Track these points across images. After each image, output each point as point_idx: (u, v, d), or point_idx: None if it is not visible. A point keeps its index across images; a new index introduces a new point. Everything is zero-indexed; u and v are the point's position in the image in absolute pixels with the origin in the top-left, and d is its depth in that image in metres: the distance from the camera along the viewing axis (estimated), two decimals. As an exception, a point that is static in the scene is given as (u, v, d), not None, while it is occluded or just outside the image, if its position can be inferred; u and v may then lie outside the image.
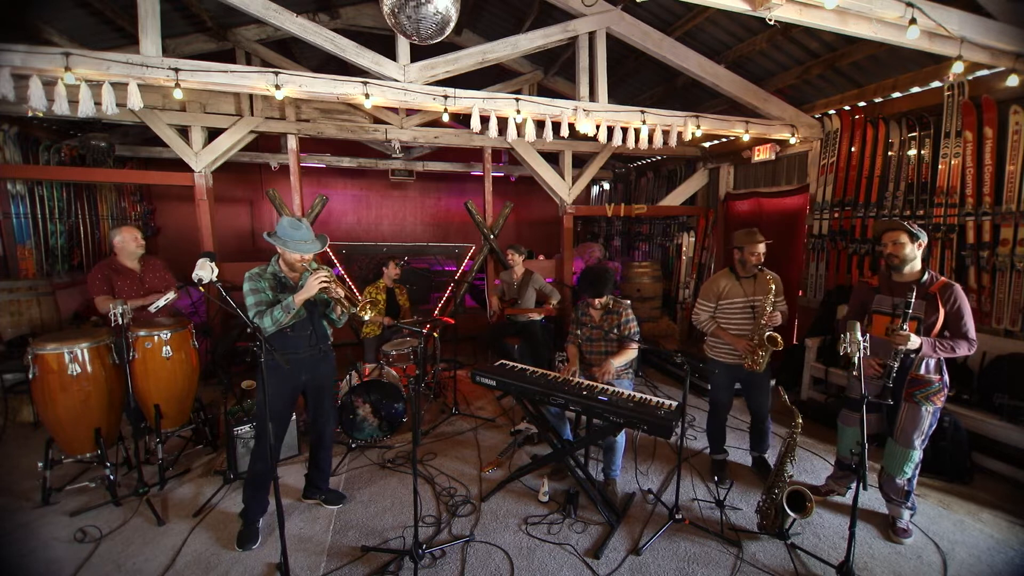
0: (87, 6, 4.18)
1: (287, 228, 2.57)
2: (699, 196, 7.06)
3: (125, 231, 3.62)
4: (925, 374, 2.62)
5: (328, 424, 2.92)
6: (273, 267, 2.65)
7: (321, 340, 2.78)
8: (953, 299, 2.54)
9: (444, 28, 2.83)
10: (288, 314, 2.49)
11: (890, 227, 2.69)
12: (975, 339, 2.54)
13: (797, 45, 4.45)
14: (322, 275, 2.52)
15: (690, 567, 2.48)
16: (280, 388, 2.64)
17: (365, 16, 5.56)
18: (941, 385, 2.62)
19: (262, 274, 2.60)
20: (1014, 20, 3.16)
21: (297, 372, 2.69)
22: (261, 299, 2.54)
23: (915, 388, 2.63)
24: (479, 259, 6.58)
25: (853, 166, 4.67)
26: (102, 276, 3.50)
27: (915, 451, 2.65)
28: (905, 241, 2.62)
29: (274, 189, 5.67)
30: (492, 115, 4.05)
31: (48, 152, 5.53)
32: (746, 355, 3.06)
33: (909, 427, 2.64)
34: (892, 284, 2.72)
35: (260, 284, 2.57)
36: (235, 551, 2.56)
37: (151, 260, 3.80)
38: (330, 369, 2.89)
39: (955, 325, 2.56)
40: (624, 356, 3.16)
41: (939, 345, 2.54)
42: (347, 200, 9.37)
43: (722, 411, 3.33)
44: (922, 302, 2.59)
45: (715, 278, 3.28)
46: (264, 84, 3.49)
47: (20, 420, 4.00)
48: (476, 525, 2.81)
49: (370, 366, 4.02)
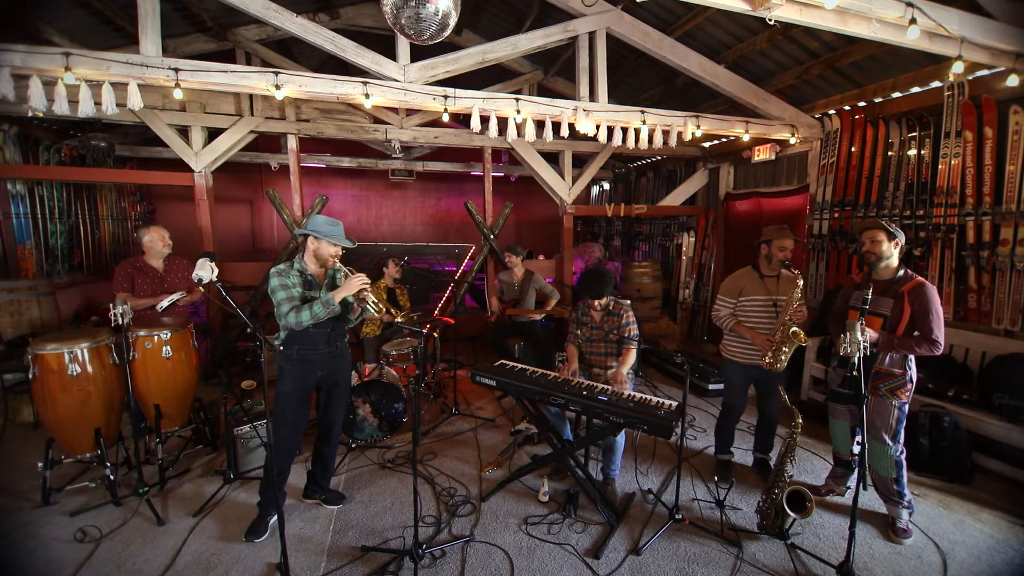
0: (87, 6, 4.18)
1: (324, 224, 2.66)
2: (699, 196, 7.07)
3: (154, 231, 3.70)
4: (889, 367, 2.67)
5: (338, 420, 2.95)
6: (299, 264, 2.69)
7: (339, 337, 2.85)
8: (920, 299, 2.58)
9: (444, 28, 2.83)
10: (327, 310, 2.56)
11: (868, 226, 2.77)
12: (940, 340, 2.55)
13: (797, 45, 4.45)
14: (363, 276, 2.61)
15: (690, 567, 2.48)
16: (298, 384, 2.69)
17: (365, 16, 5.56)
18: (905, 380, 2.66)
19: (289, 271, 2.63)
20: (1014, 20, 3.16)
21: (314, 368, 2.74)
22: (293, 295, 2.58)
23: (879, 381, 2.68)
24: (479, 259, 6.58)
25: (853, 166, 4.67)
26: (124, 274, 3.59)
27: (888, 447, 2.67)
28: (882, 239, 2.69)
29: (274, 189, 5.67)
30: (492, 115, 4.05)
31: (48, 152, 5.53)
32: (766, 352, 2.98)
33: (876, 420, 2.69)
34: (873, 281, 2.77)
35: (289, 280, 2.60)
36: (235, 551, 2.56)
37: (176, 260, 3.85)
38: (346, 366, 2.95)
39: (920, 324, 2.59)
40: (629, 360, 3.15)
41: (897, 342, 2.59)
42: (347, 200, 9.37)
43: (735, 414, 3.29)
44: (889, 300, 2.66)
45: (736, 275, 3.24)
46: (264, 84, 3.49)
47: (20, 420, 4.00)
48: (476, 525, 2.81)
49: (370, 366, 4.02)
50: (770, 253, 3.09)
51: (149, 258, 3.69)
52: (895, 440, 2.69)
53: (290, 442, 2.75)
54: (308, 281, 2.69)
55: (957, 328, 3.83)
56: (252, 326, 2.24)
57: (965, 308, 3.88)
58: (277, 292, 2.57)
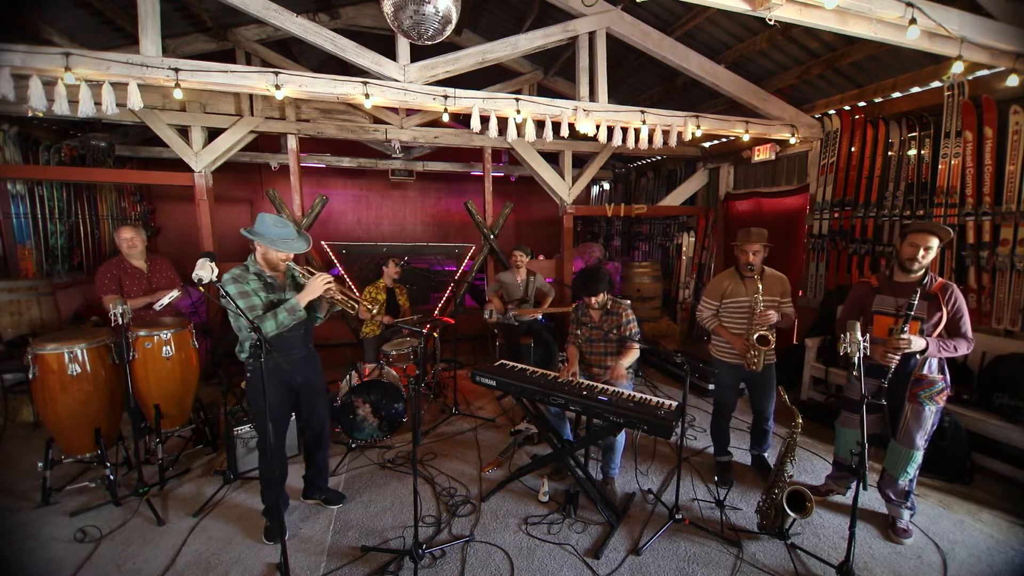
0: (87, 6, 4.17)
1: (271, 226, 2.48)
2: (699, 196, 7.06)
3: (117, 232, 3.65)
4: (929, 374, 2.62)
5: (326, 421, 2.91)
6: (254, 267, 2.53)
7: (310, 338, 2.78)
8: (954, 299, 2.56)
9: (445, 28, 2.83)
10: (294, 316, 2.45)
11: (921, 228, 2.58)
12: (972, 338, 2.56)
13: (797, 45, 4.45)
14: (326, 276, 2.51)
15: (690, 567, 2.48)
16: (279, 389, 2.61)
17: (365, 16, 5.55)
18: (944, 384, 2.63)
19: (245, 275, 2.47)
20: (1014, 20, 3.16)
21: (294, 373, 2.65)
22: (254, 303, 2.43)
23: (919, 388, 2.63)
24: (479, 259, 6.58)
25: (853, 166, 4.67)
26: (110, 276, 3.54)
27: (918, 451, 2.64)
28: (934, 245, 2.55)
29: (274, 189, 5.67)
30: (492, 115, 4.05)
31: (48, 152, 5.53)
32: (743, 354, 3.07)
33: (913, 427, 2.63)
34: (894, 284, 2.71)
35: (247, 286, 2.45)
36: (235, 551, 2.56)
37: (158, 259, 3.84)
38: (319, 370, 2.84)
39: (955, 325, 2.57)
40: (629, 357, 3.16)
41: (943, 345, 2.55)
42: (347, 200, 9.36)
43: (726, 412, 3.32)
44: (924, 303, 2.59)
45: (719, 277, 3.28)
46: (264, 84, 3.49)
47: (20, 420, 4.00)
48: (476, 525, 2.81)
49: (370, 366, 4.02)
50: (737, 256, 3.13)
51: (132, 259, 3.64)
52: (925, 444, 2.66)
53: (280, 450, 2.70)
54: (268, 284, 2.53)
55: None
56: (253, 325, 2.24)
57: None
58: (236, 301, 2.34)
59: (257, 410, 2.64)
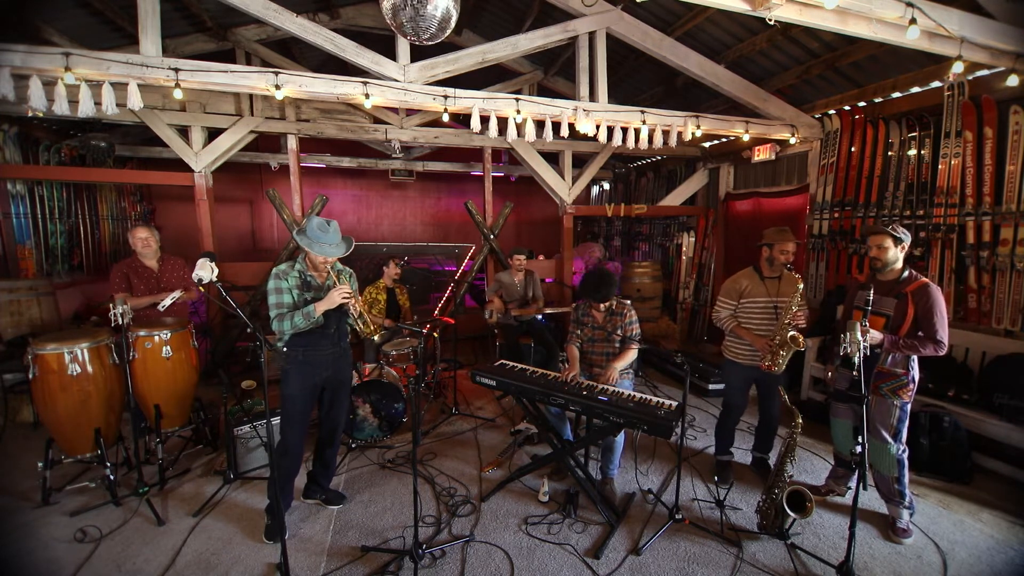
0: (87, 6, 4.18)
1: (315, 229, 2.61)
2: (699, 196, 7.06)
3: (132, 232, 3.72)
4: (891, 367, 2.69)
5: (342, 421, 2.95)
6: (300, 265, 2.69)
7: (343, 338, 2.86)
8: (924, 300, 2.59)
9: (444, 28, 2.83)
10: (309, 320, 2.56)
11: (874, 231, 2.77)
12: (944, 341, 2.56)
13: (797, 45, 4.45)
14: (345, 290, 2.61)
15: (690, 567, 2.48)
16: (303, 385, 2.69)
17: (365, 16, 5.55)
18: (908, 380, 2.67)
19: (288, 272, 2.63)
20: (1014, 20, 3.16)
21: (319, 369, 2.73)
22: (282, 300, 2.58)
23: (881, 381, 2.70)
24: (479, 259, 6.58)
25: (853, 166, 4.67)
26: (121, 275, 3.62)
27: (889, 446, 2.68)
28: (889, 245, 2.69)
29: (274, 189, 5.66)
30: (492, 115, 4.05)
31: (48, 152, 5.53)
32: (765, 355, 2.99)
33: (877, 419, 2.71)
34: (876, 282, 2.79)
35: (284, 284, 2.60)
36: (235, 551, 2.56)
37: (171, 259, 3.88)
38: (349, 366, 2.95)
39: (925, 325, 2.60)
40: (626, 358, 3.16)
41: (902, 343, 2.60)
42: (347, 200, 9.36)
43: (735, 414, 3.29)
44: (893, 300, 2.67)
45: (737, 276, 3.23)
46: (264, 84, 3.49)
47: (20, 420, 4.00)
48: (476, 525, 2.81)
49: (370, 366, 4.02)
50: (772, 256, 3.09)
51: (144, 259, 3.71)
52: (896, 439, 2.69)
53: (298, 444, 2.74)
54: (307, 282, 2.67)
55: (957, 328, 3.82)
56: (252, 326, 2.24)
57: (965, 308, 3.88)
58: (270, 295, 2.59)
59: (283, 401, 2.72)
